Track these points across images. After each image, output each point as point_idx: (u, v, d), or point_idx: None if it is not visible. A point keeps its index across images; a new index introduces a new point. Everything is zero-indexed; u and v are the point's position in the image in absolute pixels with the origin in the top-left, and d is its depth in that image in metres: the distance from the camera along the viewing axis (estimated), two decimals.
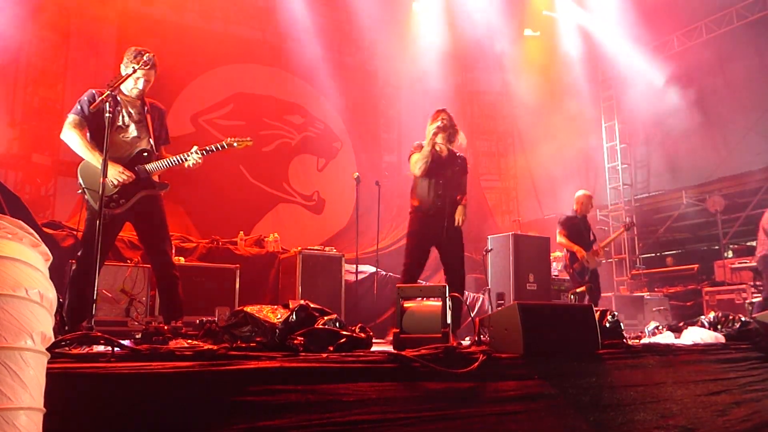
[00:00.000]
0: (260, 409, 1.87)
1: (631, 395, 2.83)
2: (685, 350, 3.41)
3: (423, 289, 3.21)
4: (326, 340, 2.58)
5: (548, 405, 2.53)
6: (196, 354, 2.12)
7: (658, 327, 4.31)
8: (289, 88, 11.53)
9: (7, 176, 8.38)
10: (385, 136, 13.27)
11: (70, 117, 3.89)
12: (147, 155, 3.98)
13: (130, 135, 3.99)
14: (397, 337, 2.93)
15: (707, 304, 8.79)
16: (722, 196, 10.54)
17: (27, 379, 1.14)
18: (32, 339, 1.17)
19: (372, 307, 6.69)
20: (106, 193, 3.69)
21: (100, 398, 1.66)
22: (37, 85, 9.06)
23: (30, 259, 1.25)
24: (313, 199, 11.54)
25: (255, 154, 10.52)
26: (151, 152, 4.00)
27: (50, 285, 1.27)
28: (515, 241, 7.29)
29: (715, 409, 3.10)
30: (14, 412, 1.11)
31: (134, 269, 5.50)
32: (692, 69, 10.61)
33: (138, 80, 3.93)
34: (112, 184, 3.80)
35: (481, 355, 2.45)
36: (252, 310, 2.65)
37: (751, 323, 3.90)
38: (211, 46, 10.39)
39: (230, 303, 5.93)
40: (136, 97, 4.02)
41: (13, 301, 1.16)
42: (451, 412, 2.25)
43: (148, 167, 3.96)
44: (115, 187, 3.82)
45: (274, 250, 7.29)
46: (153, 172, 3.98)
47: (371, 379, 2.15)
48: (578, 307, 3.35)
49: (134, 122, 4.01)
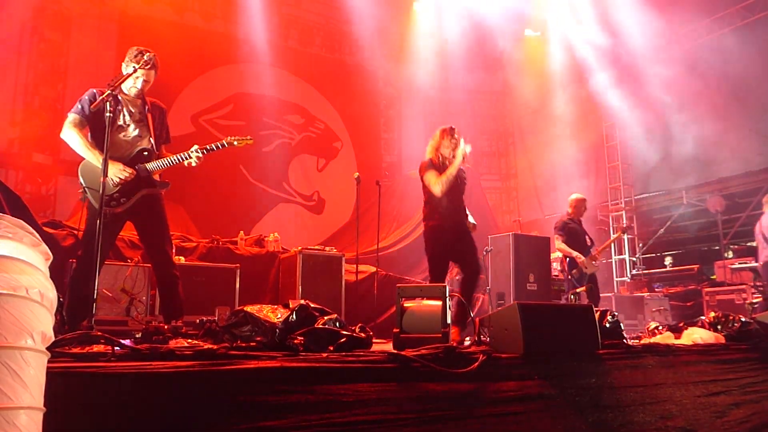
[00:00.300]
0: (260, 409, 1.87)
1: (630, 396, 2.83)
2: (685, 351, 3.41)
3: (423, 289, 3.21)
4: (326, 340, 2.58)
5: (548, 405, 2.53)
6: (196, 353, 2.12)
7: (658, 327, 4.32)
8: (290, 88, 11.55)
9: (7, 175, 8.39)
10: (386, 136, 13.28)
11: (70, 116, 3.89)
12: (147, 154, 3.98)
13: (131, 134, 3.99)
14: (397, 337, 2.93)
15: (707, 304, 8.79)
16: (723, 196, 10.54)
17: (27, 379, 1.14)
18: (32, 338, 1.17)
19: (372, 307, 6.68)
20: (107, 192, 3.69)
21: (100, 397, 1.66)
22: (37, 85, 9.07)
23: (30, 258, 1.25)
24: (313, 199, 11.55)
25: (255, 154, 10.53)
26: (151, 151, 4.00)
27: (50, 284, 1.27)
28: (515, 241, 7.29)
29: (714, 410, 3.10)
30: (14, 412, 1.11)
31: (135, 269, 5.50)
32: (693, 69, 10.60)
33: (137, 80, 3.94)
34: (113, 183, 3.81)
35: (481, 355, 2.45)
36: (252, 310, 2.65)
37: (751, 324, 3.90)
38: (211, 46, 10.40)
39: (230, 303, 5.93)
40: (136, 96, 4.03)
41: (14, 301, 1.16)
42: (451, 412, 2.25)
43: (149, 166, 3.96)
44: (115, 186, 3.83)
45: (274, 250, 7.28)
46: (154, 171, 3.99)
47: (371, 379, 2.15)
48: (578, 307, 3.36)
49: (135, 121, 4.01)
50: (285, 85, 11.48)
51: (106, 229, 3.66)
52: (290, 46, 11.69)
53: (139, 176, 3.92)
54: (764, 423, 3.20)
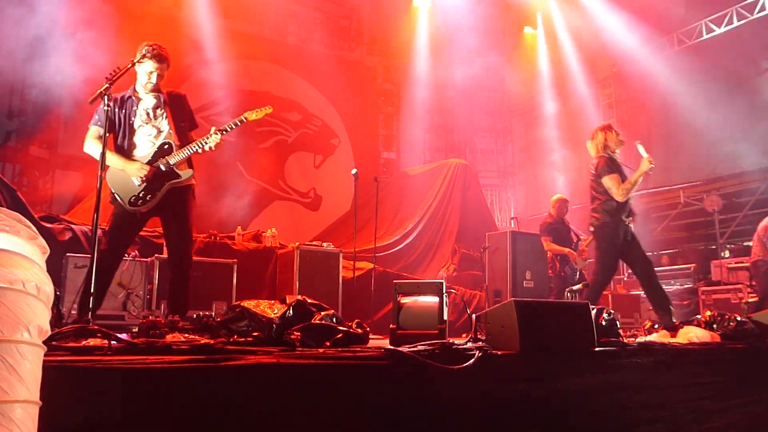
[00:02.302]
0: (257, 404, 1.87)
1: (625, 394, 2.84)
2: (680, 349, 3.42)
3: (420, 285, 3.22)
4: (323, 336, 2.58)
5: (543, 402, 2.54)
6: (192, 348, 2.12)
7: (654, 326, 4.33)
8: (287, 85, 11.53)
9: (4, 169, 8.38)
10: (384, 133, 13.27)
11: (90, 128, 3.97)
12: (168, 147, 4.01)
13: (151, 132, 4.03)
14: (393, 333, 2.94)
15: (703, 303, 8.81)
16: (720, 195, 10.55)
17: (23, 372, 1.14)
18: (29, 332, 1.17)
19: (369, 303, 6.69)
20: (133, 192, 3.87)
21: (97, 391, 1.66)
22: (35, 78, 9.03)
23: (27, 251, 1.25)
24: (309, 196, 11.54)
25: (252, 150, 10.53)
26: (172, 144, 4.02)
27: (47, 278, 1.27)
28: (513, 238, 7.30)
29: (711, 409, 3.11)
30: (10, 405, 1.11)
31: (132, 263, 5.50)
32: (691, 68, 10.61)
33: (151, 74, 3.99)
34: (136, 183, 3.89)
35: (477, 351, 2.45)
36: (249, 305, 2.66)
37: (747, 323, 3.90)
38: (209, 42, 10.35)
39: (227, 298, 5.93)
40: (152, 90, 4.04)
41: (10, 294, 1.16)
42: (447, 408, 2.26)
43: (171, 160, 3.99)
44: (139, 186, 3.88)
45: (271, 245, 7.28)
46: (176, 164, 4.00)
47: (367, 375, 2.15)
48: (575, 304, 3.36)
49: (154, 118, 4.04)
50: (283, 82, 11.46)
51: (129, 227, 3.96)
52: (289, 42, 11.67)
53: (161, 171, 3.95)
54: (761, 422, 3.22)
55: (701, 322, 4.02)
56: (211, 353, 2.04)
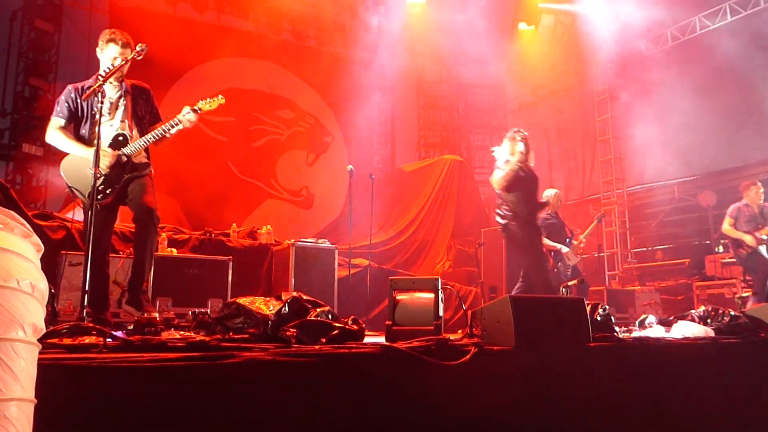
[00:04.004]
0: (252, 401, 1.87)
1: (620, 388, 2.85)
2: (675, 344, 3.43)
3: (416, 282, 3.22)
4: (319, 332, 2.59)
5: (539, 397, 2.54)
6: (188, 345, 2.12)
7: (649, 321, 4.34)
8: (280, 82, 11.49)
9: None
10: (379, 129, 13.25)
11: (51, 120, 3.93)
12: (123, 139, 3.93)
13: (111, 121, 3.96)
14: (389, 329, 2.94)
15: (698, 298, 8.86)
16: (715, 191, 10.59)
17: (18, 370, 1.14)
18: (23, 330, 1.17)
19: (365, 300, 6.69)
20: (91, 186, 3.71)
21: (92, 389, 1.66)
22: (28, 75, 8.99)
23: (21, 249, 1.24)
24: (301, 194, 11.51)
25: (244, 149, 10.51)
26: (126, 135, 3.95)
27: (42, 276, 1.27)
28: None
29: (706, 405, 3.12)
30: (5, 403, 1.10)
31: (126, 260, 5.48)
32: (686, 63, 10.63)
33: (115, 60, 3.90)
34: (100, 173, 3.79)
35: (472, 347, 2.46)
36: (245, 302, 2.65)
37: (740, 318, 3.92)
38: (203, 39, 10.30)
39: (223, 295, 5.91)
40: (116, 79, 3.99)
41: (4, 292, 1.15)
42: (443, 404, 2.26)
43: (126, 150, 3.92)
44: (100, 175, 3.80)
45: (267, 242, 7.27)
46: (132, 155, 3.94)
47: (363, 371, 2.15)
48: (569, 300, 3.37)
49: (114, 107, 4.00)
50: (276, 79, 11.42)
51: (100, 223, 3.73)
52: (283, 39, 11.63)
53: (120, 163, 3.90)
54: (755, 419, 3.23)
55: (695, 317, 4.04)
56: (207, 350, 2.04)
